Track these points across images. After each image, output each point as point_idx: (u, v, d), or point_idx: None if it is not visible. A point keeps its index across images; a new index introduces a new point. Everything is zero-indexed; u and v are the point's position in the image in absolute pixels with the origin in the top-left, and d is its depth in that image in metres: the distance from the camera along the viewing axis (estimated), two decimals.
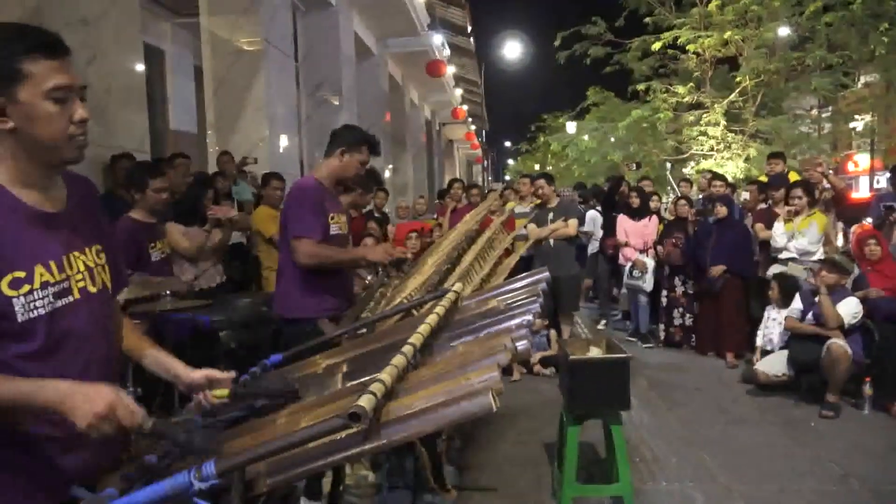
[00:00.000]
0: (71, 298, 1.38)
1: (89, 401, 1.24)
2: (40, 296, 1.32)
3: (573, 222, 6.11)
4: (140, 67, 5.25)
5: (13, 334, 1.29)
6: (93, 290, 1.44)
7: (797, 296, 5.26)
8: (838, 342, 4.72)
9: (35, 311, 1.31)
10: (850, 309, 4.82)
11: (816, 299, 4.96)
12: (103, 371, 1.47)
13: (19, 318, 1.29)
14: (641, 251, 6.96)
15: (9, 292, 1.28)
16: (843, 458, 3.98)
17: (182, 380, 1.67)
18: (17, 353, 1.30)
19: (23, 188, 1.35)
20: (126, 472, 1.43)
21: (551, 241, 5.97)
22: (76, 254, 1.41)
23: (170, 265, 4.06)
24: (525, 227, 5.97)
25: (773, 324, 5.60)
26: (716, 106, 12.61)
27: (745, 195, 8.13)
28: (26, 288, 1.30)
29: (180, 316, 3.67)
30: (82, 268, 1.42)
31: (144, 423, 1.32)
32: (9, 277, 1.28)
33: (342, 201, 4.30)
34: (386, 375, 1.38)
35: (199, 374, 1.67)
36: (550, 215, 6.09)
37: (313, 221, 3.03)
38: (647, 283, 6.82)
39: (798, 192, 5.84)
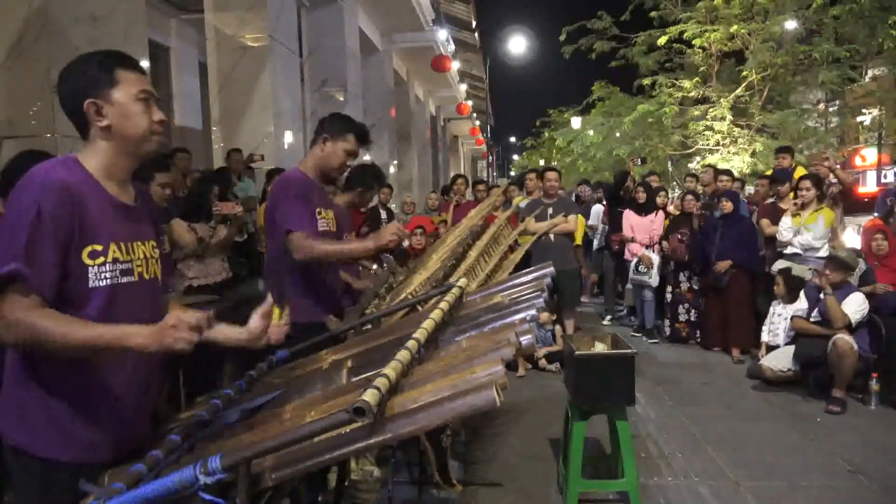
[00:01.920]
0: (132, 279, 1.61)
1: (172, 332, 1.44)
2: (109, 269, 1.55)
3: (573, 218, 6.12)
4: (145, 64, 5.26)
5: (80, 299, 1.51)
6: (147, 277, 1.67)
7: (802, 293, 5.24)
8: (844, 337, 4.70)
9: (103, 281, 1.54)
10: (855, 306, 4.79)
11: (821, 295, 4.93)
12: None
13: (89, 284, 1.52)
14: (647, 246, 6.94)
15: (87, 261, 1.52)
16: (852, 453, 3.97)
17: (245, 337, 1.81)
18: (80, 316, 1.49)
19: (107, 180, 1.61)
20: (152, 451, 1.47)
21: (551, 236, 5.97)
22: (138, 243, 1.65)
23: (173, 262, 4.07)
24: (522, 219, 5.95)
25: (778, 319, 5.57)
26: (722, 100, 12.54)
27: (749, 189, 8.08)
28: (101, 260, 1.54)
29: None
30: (141, 256, 1.65)
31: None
32: (89, 248, 1.52)
33: (340, 200, 4.25)
34: (390, 370, 1.39)
35: (253, 323, 1.81)
36: (550, 210, 6.09)
37: (301, 213, 2.74)
38: (653, 279, 6.80)
39: (807, 183, 5.82)
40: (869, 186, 21.29)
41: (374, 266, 3.98)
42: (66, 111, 1.61)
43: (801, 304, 5.18)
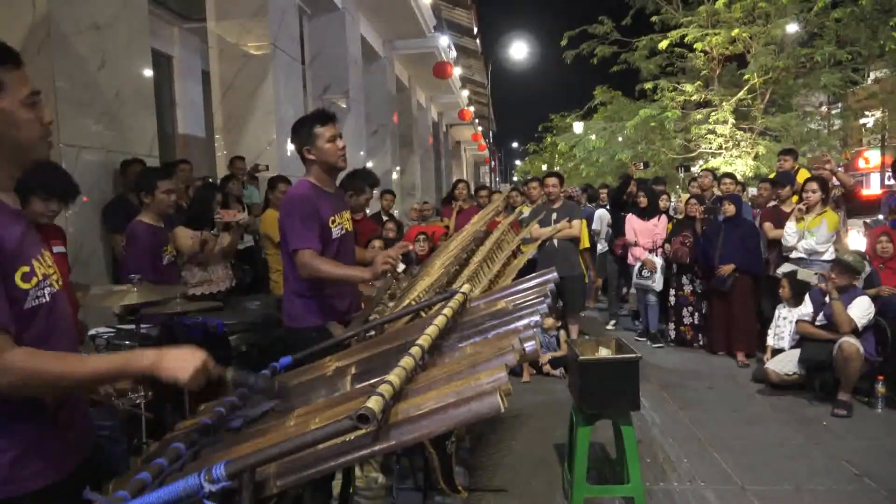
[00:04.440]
0: (55, 289, 1.51)
1: (183, 360, 1.45)
2: (42, 286, 1.46)
3: (577, 223, 6.11)
4: (149, 73, 5.28)
5: (20, 321, 1.40)
6: (58, 286, 1.55)
7: (807, 297, 5.22)
8: (850, 340, 4.68)
9: (38, 300, 1.44)
10: (861, 311, 4.77)
11: (827, 299, 4.92)
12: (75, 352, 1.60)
13: (25, 307, 1.41)
14: (650, 251, 6.93)
15: (23, 285, 1.41)
16: (858, 457, 3.95)
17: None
18: (24, 338, 1.40)
19: (3, 193, 1.46)
20: (157, 459, 1.47)
21: (556, 242, 5.96)
22: (46, 252, 1.55)
23: (178, 269, 4.10)
24: (526, 225, 5.94)
25: (784, 322, 5.56)
26: (724, 104, 12.56)
27: (751, 191, 8.06)
28: (34, 280, 1.44)
29: (191, 320, 3.69)
30: (51, 264, 1.55)
31: (227, 373, 1.57)
32: (20, 272, 1.41)
33: None
34: (394, 377, 1.39)
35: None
36: (554, 215, 6.08)
37: (306, 232, 2.86)
38: (657, 283, 6.79)
39: (813, 185, 5.79)
40: (873, 188, 21.23)
41: (402, 266, 3.88)
42: None
43: (807, 307, 5.16)
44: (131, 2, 4.99)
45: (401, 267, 3.00)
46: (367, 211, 7.71)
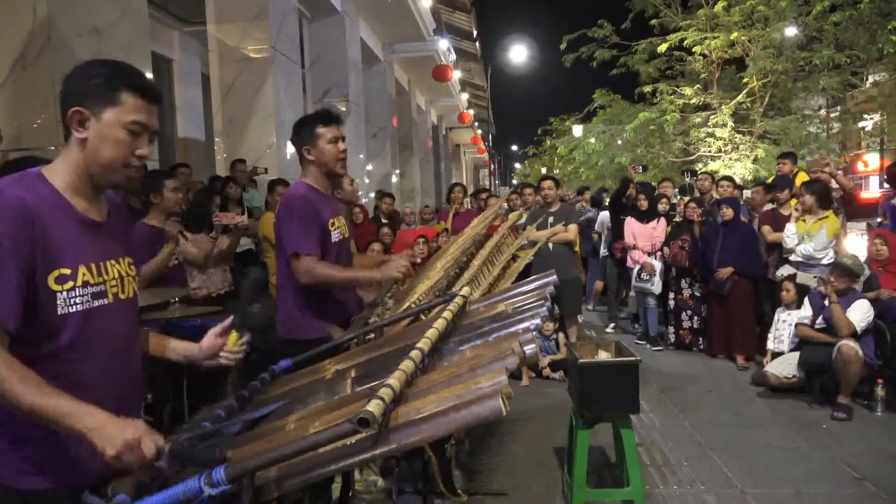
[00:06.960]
0: (105, 301, 1.50)
1: (117, 431, 1.30)
2: (80, 293, 1.44)
3: (573, 227, 6.12)
4: (149, 76, 5.29)
5: (50, 327, 1.40)
6: (123, 297, 1.56)
7: (806, 300, 5.22)
8: (849, 343, 4.68)
9: (74, 307, 1.43)
10: (860, 314, 4.77)
11: (826, 302, 4.92)
12: (127, 372, 1.58)
13: (59, 312, 1.41)
14: (649, 254, 6.92)
15: (54, 287, 1.40)
16: (858, 460, 3.95)
17: (197, 354, 1.81)
18: (51, 348, 1.41)
19: (75, 195, 1.49)
20: (139, 478, 1.45)
21: (551, 245, 5.96)
22: (112, 262, 1.54)
23: (183, 271, 4.09)
24: (523, 229, 5.93)
25: (783, 326, 5.55)
26: (723, 107, 12.58)
27: (746, 193, 8.06)
28: (70, 284, 1.42)
29: (189, 323, 3.68)
30: (116, 275, 1.54)
31: (162, 454, 1.36)
32: (55, 273, 1.41)
33: None
34: (395, 380, 1.39)
35: (205, 341, 1.82)
36: (551, 219, 6.09)
37: (305, 235, 2.72)
38: (656, 286, 6.79)
39: (805, 189, 5.81)
40: (872, 191, 21.25)
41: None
42: (60, 109, 1.49)
43: (806, 311, 5.16)
44: (131, 6, 4.99)
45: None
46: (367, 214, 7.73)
